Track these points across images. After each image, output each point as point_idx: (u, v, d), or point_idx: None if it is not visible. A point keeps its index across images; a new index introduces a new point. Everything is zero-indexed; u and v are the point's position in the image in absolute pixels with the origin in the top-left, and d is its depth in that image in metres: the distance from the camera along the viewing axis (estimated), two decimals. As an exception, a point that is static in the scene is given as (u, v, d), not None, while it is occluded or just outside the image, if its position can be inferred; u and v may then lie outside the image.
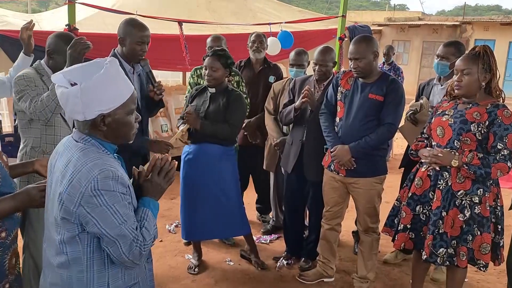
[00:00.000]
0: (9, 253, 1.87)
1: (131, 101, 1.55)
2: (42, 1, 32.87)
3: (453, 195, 2.64)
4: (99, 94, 1.46)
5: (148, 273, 1.73)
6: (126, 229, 1.47)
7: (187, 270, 3.58)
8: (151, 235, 1.56)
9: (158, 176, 1.65)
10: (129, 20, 3.03)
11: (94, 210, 1.44)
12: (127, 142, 1.63)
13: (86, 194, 1.43)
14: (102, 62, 1.49)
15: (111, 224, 1.45)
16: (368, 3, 64.14)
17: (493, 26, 19.57)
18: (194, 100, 3.42)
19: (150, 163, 1.68)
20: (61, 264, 1.53)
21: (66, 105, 1.49)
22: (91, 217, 1.44)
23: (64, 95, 1.46)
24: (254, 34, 4.27)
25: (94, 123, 1.50)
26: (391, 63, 7.17)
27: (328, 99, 3.24)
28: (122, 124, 1.54)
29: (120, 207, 1.46)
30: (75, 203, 1.44)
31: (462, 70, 2.61)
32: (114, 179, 1.45)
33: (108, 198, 1.44)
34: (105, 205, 1.44)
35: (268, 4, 7.21)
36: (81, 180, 1.43)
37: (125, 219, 1.47)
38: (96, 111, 1.47)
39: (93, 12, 5.07)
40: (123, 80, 1.54)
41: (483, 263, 2.64)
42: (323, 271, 3.46)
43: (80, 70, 1.49)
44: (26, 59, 3.06)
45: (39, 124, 2.71)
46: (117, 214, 1.46)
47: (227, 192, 3.43)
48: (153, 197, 1.65)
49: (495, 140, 2.56)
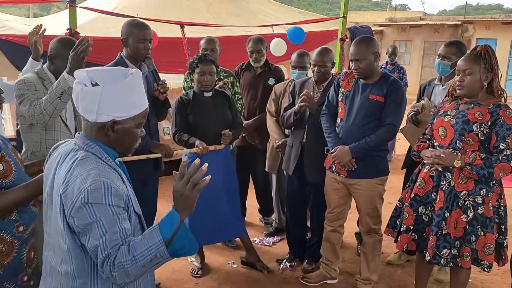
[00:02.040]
0: (27, 247, 1.92)
1: (143, 115, 1.56)
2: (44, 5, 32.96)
3: (456, 196, 2.63)
4: (118, 99, 1.47)
5: (150, 278, 1.71)
6: (100, 243, 1.39)
7: (190, 273, 3.57)
8: (130, 256, 1.39)
9: (182, 183, 1.46)
10: (130, 21, 3.09)
11: (83, 222, 1.41)
12: (127, 154, 1.62)
13: (76, 205, 1.40)
14: (126, 71, 1.52)
15: (94, 237, 1.40)
16: (369, 3, 64.12)
17: (494, 25, 19.52)
18: (193, 108, 3.38)
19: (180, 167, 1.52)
20: (66, 273, 1.51)
21: (81, 102, 1.48)
22: (80, 228, 1.42)
23: (83, 92, 1.46)
24: (251, 43, 4.15)
25: (103, 127, 1.50)
26: (395, 63, 7.20)
27: (329, 100, 3.24)
28: (129, 134, 1.54)
29: (106, 221, 1.40)
30: (68, 213, 1.43)
31: (464, 70, 2.61)
32: (106, 190, 1.41)
33: (97, 210, 1.40)
34: (92, 216, 1.40)
35: (269, 5, 7.22)
36: (74, 190, 1.42)
37: (105, 233, 1.39)
38: (109, 115, 1.47)
39: (94, 16, 5.09)
40: (142, 93, 1.55)
41: (487, 263, 2.63)
42: (326, 273, 3.46)
43: (106, 72, 1.50)
44: (34, 64, 3.08)
45: (40, 129, 2.71)
46: (100, 226, 1.40)
47: (227, 193, 3.45)
48: (178, 209, 1.46)
49: (497, 140, 2.56)
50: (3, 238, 1.83)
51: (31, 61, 3.12)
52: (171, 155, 3.12)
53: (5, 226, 1.84)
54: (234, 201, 3.53)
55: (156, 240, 1.41)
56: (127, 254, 1.40)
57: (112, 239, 1.40)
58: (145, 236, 1.44)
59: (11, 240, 1.85)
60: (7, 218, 1.85)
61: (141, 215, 1.62)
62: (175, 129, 3.37)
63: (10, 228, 1.85)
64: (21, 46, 4.18)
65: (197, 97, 3.40)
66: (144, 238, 1.43)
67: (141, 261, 1.40)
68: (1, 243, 1.83)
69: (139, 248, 1.41)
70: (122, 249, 1.40)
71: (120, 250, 1.40)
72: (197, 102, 3.38)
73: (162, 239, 1.41)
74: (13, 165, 1.88)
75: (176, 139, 3.35)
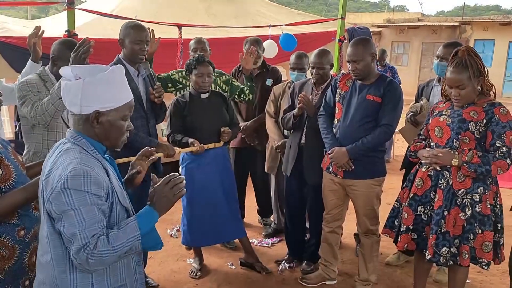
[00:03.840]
0: (29, 251, 1.92)
1: (127, 108, 1.61)
2: (42, 7, 32.97)
3: (454, 194, 2.65)
4: (99, 91, 1.53)
5: (138, 276, 1.72)
6: (79, 232, 1.45)
7: (189, 275, 3.57)
8: (110, 246, 1.47)
9: (166, 186, 1.62)
10: (127, 23, 3.12)
11: (60, 208, 1.45)
12: (114, 148, 1.66)
13: (55, 191, 1.46)
14: (108, 67, 1.59)
15: (71, 224, 1.45)
16: (367, 4, 64.21)
17: (492, 26, 19.54)
18: (191, 109, 3.37)
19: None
20: (46, 262, 1.55)
21: (67, 97, 1.56)
22: (57, 214, 1.47)
23: (67, 86, 1.54)
24: (248, 45, 4.12)
25: (88, 119, 1.56)
26: (385, 65, 7.59)
27: (327, 101, 3.25)
28: (114, 127, 1.59)
29: (84, 209, 1.46)
30: (46, 198, 1.48)
31: (457, 87, 2.62)
32: (85, 177, 1.46)
33: (75, 197, 1.45)
34: (70, 203, 1.45)
35: (268, 7, 7.24)
36: (55, 176, 1.48)
37: (84, 223, 1.45)
38: (92, 107, 1.54)
39: (92, 17, 5.09)
40: (125, 86, 1.61)
41: (485, 261, 2.65)
42: (325, 274, 3.46)
43: (88, 68, 1.57)
44: (34, 66, 3.10)
45: (41, 130, 2.74)
46: (79, 215, 1.45)
47: (226, 194, 3.46)
48: (156, 208, 1.60)
49: (493, 138, 2.58)
50: (4, 243, 1.83)
51: (31, 63, 3.13)
52: (172, 155, 3.13)
53: (6, 230, 1.84)
54: (232, 202, 3.53)
55: (135, 234, 1.52)
56: (107, 244, 1.47)
57: (92, 228, 1.46)
58: (125, 228, 1.52)
59: (12, 245, 1.85)
60: (8, 222, 1.84)
61: (129, 209, 1.66)
62: (170, 131, 3.38)
63: (11, 233, 1.85)
64: (19, 48, 4.18)
65: (194, 98, 3.40)
66: (124, 231, 1.51)
67: (118, 252, 1.49)
68: (2, 248, 1.82)
69: (118, 240, 1.49)
70: (102, 239, 1.47)
71: (100, 240, 1.46)
72: (194, 103, 3.39)
73: (140, 234, 1.53)
74: (13, 169, 1.87)
75: (170, 140, 3.35)
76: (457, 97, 2.64)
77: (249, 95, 3.89)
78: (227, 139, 3.41)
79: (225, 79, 3.93)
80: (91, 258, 1.45)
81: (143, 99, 3.10)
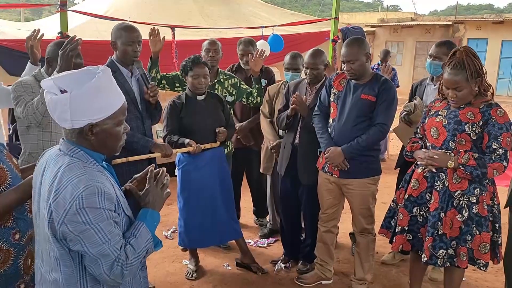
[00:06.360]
0: (24, 254, 1.90)
1: (121, 112, 1.52)
2: (35, 10, 32.84)
3: (451, 196, 2.64)
4: (89, 103, 1.43)
5: (143, 281, 1.71)
6: (109, 248, 1.42)
7: (185, 276, 3.56)
8: (136, 253, 1.50)
9: (156, 186, 1.63)
10: (119, 24, 3.12)
11: (78, 228, 1.39)
12: (113, 154, 1.60)
13: (70, 212, 1.39)
14: (94, 71, 1.46)
15: (94, 243, 1.41)
16: (360, 4, 64.42)
17: (485, 25, 19.65)
18: (187, 111, 3.36)
19: (141, 175, 1.70)
20: (55, 281, 1.50)
21: (54, 112, 1.45)
22: (75, 235, 1.40)
23: (52, 101, 1.44)
24: (241, 46, 4.14)
25: (81, 131, 1.47)
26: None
27: (321, 101, 3.26)
28: (110, 135, 1.51)
29: (104, 225, 1.42)
30: (58, 220, 1.40)
31: (454, 88, 2.61)
32: (100, 195, 1.41)
33: (93, 216, 1.40)
34: (89, 223, 1.40)
35: (261, 7, 7.25)
36: (66, 197, 1.39)
37: (109, 238, 1.43)
38: (84, 120, 1.44)
39: (85, 19, 5.07)
40: (114, 90, 1.51)
41: (483, 262, 2.64)
42: (321, 274, 3.46)
43: (72, 77, 1.45)
44: (33, 68, 3.11)
45: (36, 130, 2.74)
46: (101, 232, 1.41)
47: (223, 196, 3.45)
48: (156, 208, 1.62)
49: (489, 140, 2.57)
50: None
51: (30, 66, 3.16)
52: (169, 154, 3.12)
53: (1, 233, 1.82)
54: (229, 204, 3.52)
55: (148, 237, 1.55)
56: (134, 252, 1.49)
57: (117, 240, 1.46)
58: (140, 233, 1.53)
59: (7, 248, 1.84)
60: (3, 226, 1.83)
61: (131, 217, 1.61)
62: (166, 132, 3.36)
63: (6, 236, 1.84)
64: (12, 51, 4.17)
65: (190, 100, 3.39)
66: (140, 236, 1.53)
67: (141, 257, 1.52)
68: None
69: (139, 246, 1.51)
70: (129, 249, 1.48)
71: (128, 250, 1.48)
72: (190, 105, 3.38)
73: (152, 236, 1.56)
74: (8, 172, 1.86)
75: (166, 141, 3.33)
76: (454, 98, 2.63)
77: (257, 98, 3.90)
78: (223, 139, 3.40)
79: (234, 82, 3.93)
80: (125, 269, 1.46)
81: (138, 100, 3.10)
